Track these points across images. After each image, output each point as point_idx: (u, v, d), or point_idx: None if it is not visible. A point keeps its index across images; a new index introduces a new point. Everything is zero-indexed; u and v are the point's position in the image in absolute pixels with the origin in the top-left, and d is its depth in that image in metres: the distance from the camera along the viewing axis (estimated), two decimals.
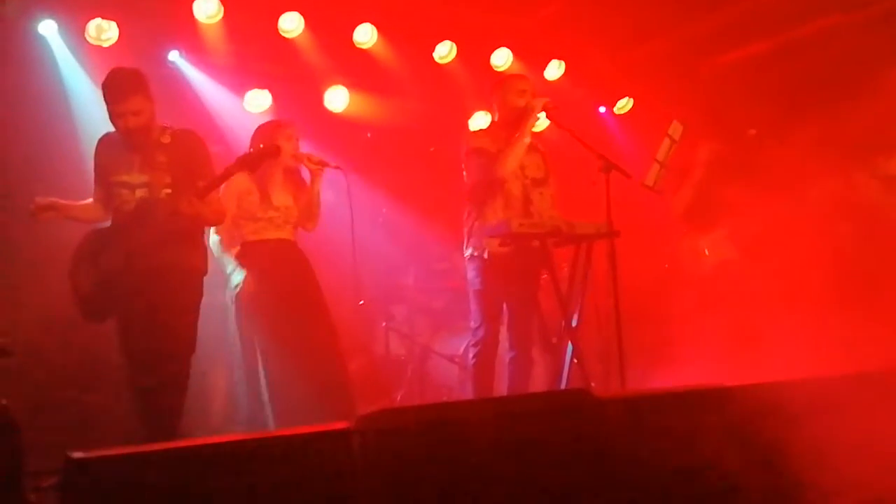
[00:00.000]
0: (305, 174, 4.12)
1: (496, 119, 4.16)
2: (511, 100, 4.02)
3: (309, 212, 4.01)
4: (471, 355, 4.00)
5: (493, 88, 4.20)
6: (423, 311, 5.43)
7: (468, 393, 4.77)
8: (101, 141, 3.46)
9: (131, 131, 3.26)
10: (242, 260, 3.86)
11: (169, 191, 3.25)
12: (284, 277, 3.85)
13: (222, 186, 3.63)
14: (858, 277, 4.32)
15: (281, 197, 3.92)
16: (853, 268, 4.35)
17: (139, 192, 3.29)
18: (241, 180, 3.83)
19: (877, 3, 4.93)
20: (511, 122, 4.02)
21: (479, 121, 6.16)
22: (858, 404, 2.69)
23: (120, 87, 3.25)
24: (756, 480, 2.54)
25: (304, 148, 4.22)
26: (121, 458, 2.13)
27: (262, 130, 4.04)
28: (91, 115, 4.28)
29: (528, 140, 3.96)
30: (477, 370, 3.93)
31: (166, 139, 3.33)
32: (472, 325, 4.04)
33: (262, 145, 3.57)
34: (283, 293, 3.81)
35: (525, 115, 3.92)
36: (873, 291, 4.24)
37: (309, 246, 4.16)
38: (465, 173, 4.10)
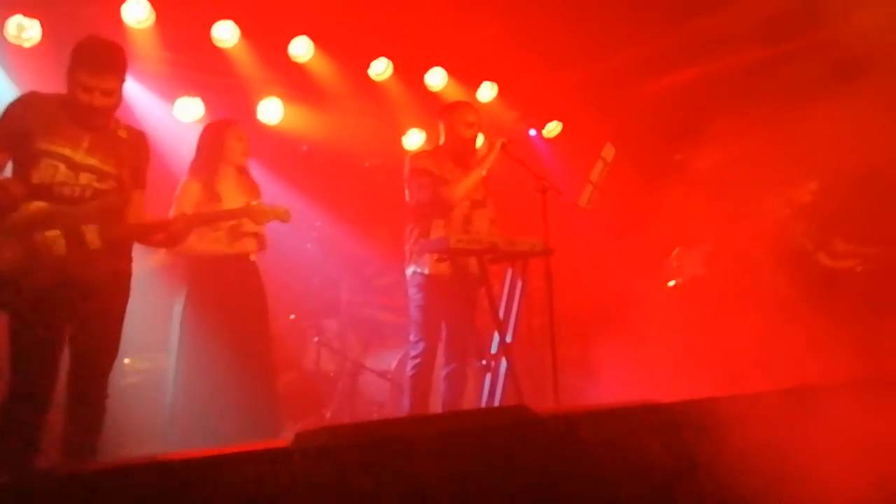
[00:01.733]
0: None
1: (441, 143, 4.21)
2: (459, 130, 4.11)
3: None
4: (409, 367, 4.00)
5: (441, 113, 4.26)
6: (354, 326, 5.38)
7: (400, 409, 4.75)
8: (24, 100, 2.91)
9: (94, 110, 2.85)
10: (194, 274, 3.77)
11: (114, 184, 2.92)
12: (232, 299, 3.77)
13: (176, 196, 3.61)
14: (768, 297, 4.55)
15: (235, 201, 3.77)
16: (764, 288, 4.58)
17: (85, 177, 2.85)
18: (195, 187, 3.76)
19: (797, 38, 5.24)
20: (456, 149, 4.12)
21: (414, 138, 6.21)
22: (784, 418, 2.84)
23: (101, 60, 2.87)
24: (689, 492, 2.62)
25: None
26: (44, 479, 2.03)
27: (209, 129, 3.96)
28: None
29: (484, 173, 4.05)
30: (415, 383, 3.93)
31: (123, 133, 3.01)
32: (412, 338, 4.05)
33: (279, 207, 3.46)
34: (226, 312, 3.73)
35: (487, 152, 4.05)
36: (784, 312, 4.48)
37: None
38: (407, 192, 4.12)
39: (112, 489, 1.97)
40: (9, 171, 2.89)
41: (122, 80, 2.95)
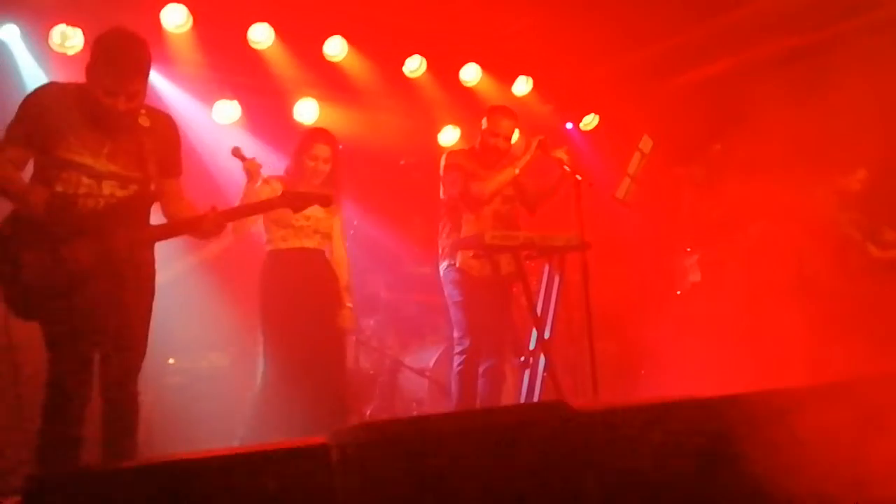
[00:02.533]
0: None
1: (477, 145, 4.20)
2: (489, 138, 4.12)
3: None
4: (455, 364, 4.00)
5: (483, 115, 4.26)
6: (393, 324, 5.40)
7: (438, 406, 4.76)
8: (46, 94, 2.75)
9: (119, 115, 2.70)
10: (267, 267, 3.81)
11: (137, 187, 2.80)
12: (305, 288, 3.78)
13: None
14: (818, 289, 4.44)
15: (313, 213, 3.74)
16: (813, 280, 4.47)
17: (108, 187, 2.74)
18: (277, 186, 3.76)
19: (831, 26, 5.10)
20: (487, 154, 4.12)
21: (449, 134, 6.20)
22: (833, 413, 2.76)
23: (130, 63, 2.67)
24: (733, 490, 2.57)
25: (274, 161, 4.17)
26: (84, 477, 2.07)
27: (298, 143, 3.98)
28: None
29: (517, 172, 4.02)
30: (461, 380, 3.94)
31: (145, 122, 2.79)
32: (456, 335, 4.06)
33: (317, 191, 3.35)
34: (301, 304, 3.75)
35: (523, 151, 4.03)
36: (832, 303, 4.37)
37: None
38: (442, 188, 4.12)
39: (148, 488, 2.00)
40: (30, 168, 2.80)
41: (147, 77, 2.78)
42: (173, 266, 4.38)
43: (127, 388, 2.84)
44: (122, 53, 2.70)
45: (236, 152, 3.69)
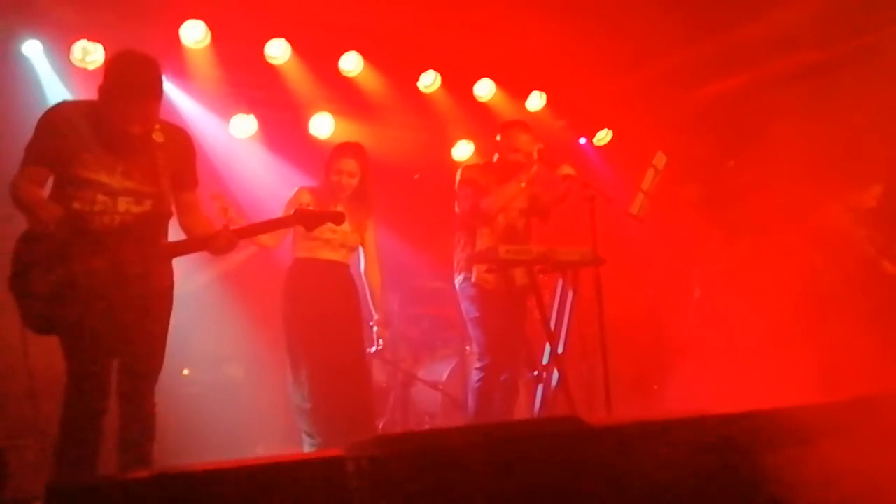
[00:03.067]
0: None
1: (494, 160, 4.23)
2: (508, 153, 4.13)
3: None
4: (474, 378, 4.02)
5: (498, 130, 4.28)
6: (406, 337, 5.42)
7: (452, 419, 4.76)
8: (60, 114, 2.76)
9: (133, 138, 2.73)
10: (292, 274, 3.88)
11: (151, 203, 2.83)
12: (327, 299, 3.84)
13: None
14: (832, 306, 4.42)
15: (344, 229, 3.79)
16: (827, 297, 4.44)
17: (123, 203, 2.76)
18: (305, 196, 3.84)
19: (853, 40, 5.10)
20: (505, 169, 4.12)
21: (462, 149, 6.24)
22: (848, 431, 2.74)
23: (144, 87, 2.69)
24: None
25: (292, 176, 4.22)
26: (102, 486, 2.09)
27: (329, 154, 4.04)
28: None
29: (523, 185, 4.04)
30: (481, 394, 3.95)
31: (159, 137, 2.80)
32: (476, 351, 4.09)
33: (330, 209, 3.36)
34: (322, 314, 3.81)
35: (526, 164, 4.03)
36: (845, 319, 4.34)
37: None
38: (457, 202, 4.15)
39: (166, 497, 2.01)
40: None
41: (161, 99, 2.79)
42: (194, 279, 4.44)
43: (144, 399, 2.87)
44: (135, 78, 2.70)
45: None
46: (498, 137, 4.22)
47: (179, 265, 3.02)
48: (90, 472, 2.70)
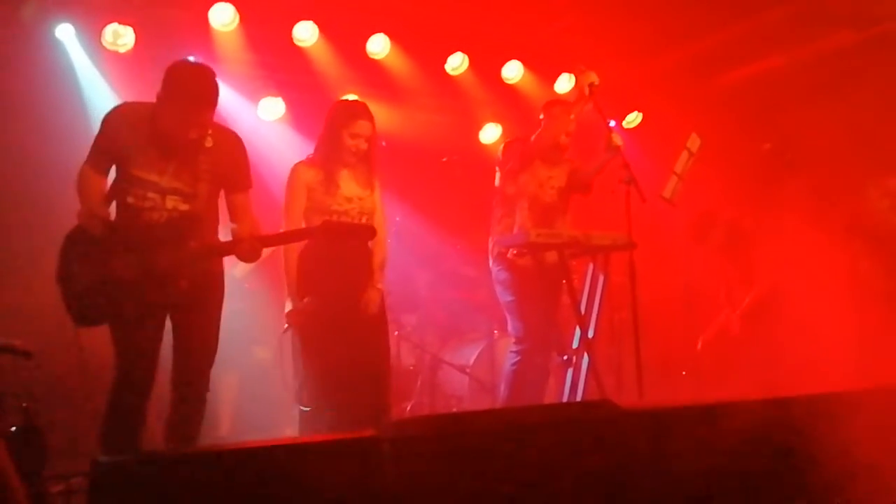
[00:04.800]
0: None
1: (534, 138, 4.16)
2: (556, 135, 4.05)
3: None
4: (510, 362, 4.00)
5: (543, 108, 4.22)
6: (433, 321, 5.42)
7: (479, 403, 4.77)
8: (121, 114, 2.94)
9: (187, 143, 2.88)
10: (304, 258, 3.60)
11: (198, 203, 2.96)
12: (341, 284, 3.58)
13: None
14: (870, 292, 4.34)
15: (350, 186, 3.58)
16: (864, 282, 4.37)
17: (171, 201, 2.92)
18: (309, 172, 3.58)
19: (887, 21, 4.97)
20: (547, 149, 4.06)
21: (490, 132, 6.20)
22: (876, 417, 2.70)
23: (203, 97, 2.85)
24: (783, 494, 2.53)
25: None
26: (148, 462, 2.12)
27: (329, 119, 3.67)
28: None
29: (573, 117, 3.96)
30: (515, 378, 3.93)
31: (209, 142, 2.94)
32: (513, 334, 4.06)
33: (361, 223, 3.30)
34: (343, 295, 3.58)
35: (577, 98, 3.96)
36: (883, 305, 4.26)
37: None
38: (497, 176, 4.13)
39: (205, 474, 2.04)
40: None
41: (216, 107, 2.93)
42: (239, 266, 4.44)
43: (198, 382, 2.98)
44: (192, 87, 2.86)
45: None
46: (541, 116, 4.17)
47: None
48: (132, 449, 2.80)
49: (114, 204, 2.96)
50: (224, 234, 3.19)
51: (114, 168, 2.97)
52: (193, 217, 2.95)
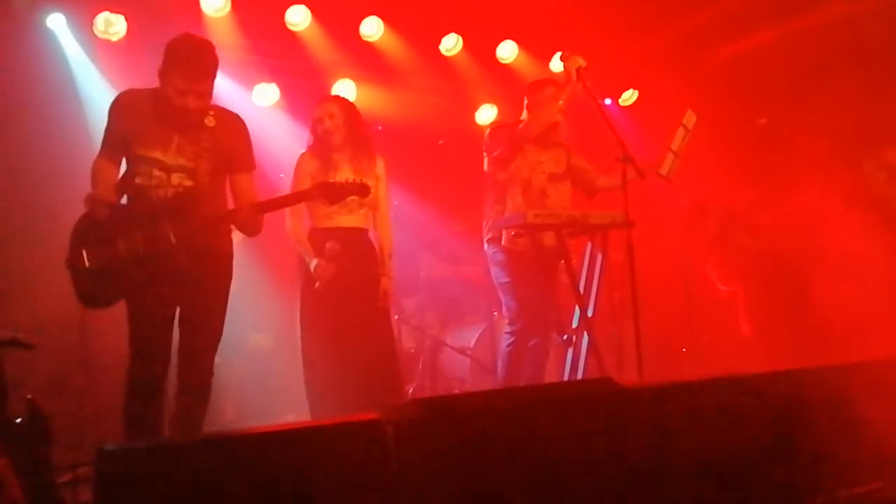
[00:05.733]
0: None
1: (523, 119, 4.15)
2: (547, 111, 4.01)
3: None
4: (504, 343, 4.02)
5: (527, 90, 4.20)
6: (433, 303, 5.43)
7: (481, 384, 4.79)
8: (123, 100, 3.03)
9: (188, 112, 2.94)
10: (313, 247, 3.75)
11: (201, 178, 3.01)
12: (352, 271, 3.73)
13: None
14: (865, 265, 4.35)
15: (347, 172, 3.71)
16: (860, 256, 4.38)
17: (176, 178, 2.98)
18: (311, 161, 3.79)
19: None
20: (537, 132, 4.03)
21: (486, 113, 6.18)
22: (874, 389, 2.71)
23: (197, 63, 2.91)
24: (786, 470, 2.55)
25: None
26: (154, 450, 2.14)
27: (314, 109, 3.93)
28: (101, 109, 4.24)
29: (561, 103, 3.94)
30: (511, 358, 3.94)
31: (211, 122, 3.01)
32: (507, 315, 4.07)
33: (351, 180, 3.30)
34: (348, 287, 3.70)
35: (565, 82, 3.90)
36: (879, 279, 4.28)
37: None
38: (486, 158, 4.10)
39: (212, 461, 2.05)
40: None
41: (215, 79, 2.99)
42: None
43: (204, 361, 3.01)
44: (192, 56, 2.93)
45: None
46: (525, 101, 4.16)
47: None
48: (157, 431, 2.89)
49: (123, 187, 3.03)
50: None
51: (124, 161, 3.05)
52: (197, 193, 2.99)
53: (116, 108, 3.02)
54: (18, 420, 2.81)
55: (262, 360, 4.91)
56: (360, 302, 3.75)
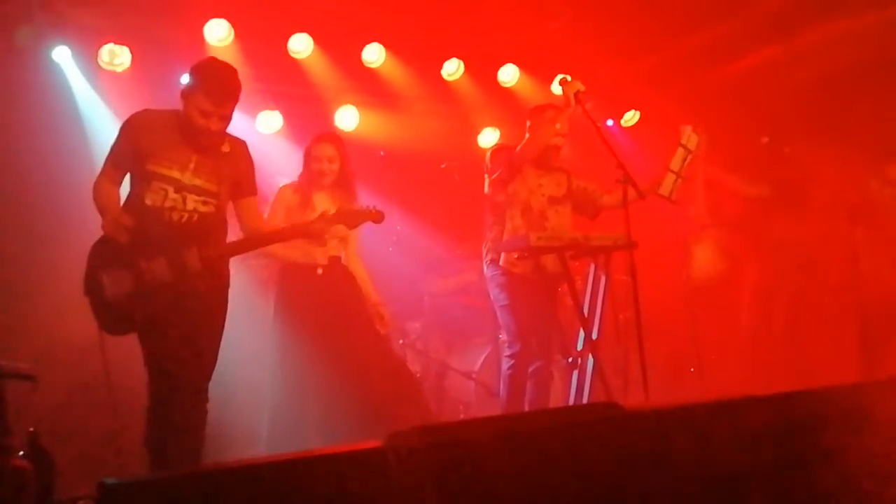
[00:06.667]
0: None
1: (524, 144, 4.13)
2: (547, 135, 4.02)
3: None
4: (504, 367, 4.00)
5: (529, 114, 4.22)
6: (438, 327, 5.41)
7: (485, 408, 4.76)
8: (140, 118, 3.03)
9: (210, 134, 2.98)
10: (282, 280, 3.86)
11: (215, 203, 3.04)
12: (323, 310, 3.80)
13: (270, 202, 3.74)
14: (872, 282, 4.32)
15: (326, 207, 3.72)
16: (867, 273, 4.35)
17: (192, 201, 2.98)
18: (291, 194, 3.88)
19: (887, 7, 4.94)
20: (539, 152, 4.03)
21: (488, 136, 6.21)
22: (882, 412, 2.67)
23: (222, 87, 2.97)
24: (795, 495, 2.51)
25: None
26: (155, 483, 2.12)
27: (307, 145, 4.04)
28: (106, 140, 4.29)
29: (558, 126, 3.96)
30: (512, 382, 3.93)
31: (226, 147, 3.08)
32: (506, 339, 4.06)
33: (370, 207, 3.33)
34: (318, 316, 3.78)
35: (563, 105, 3.91)
36: (886, 296, 4.24)
37: None
38: (487, 181, 4.11)
39: (214, 492, 2.04)
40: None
41: (237, 103, 3.05)
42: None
43: (198, 394, 3.01)
44: (219, 79, 2.99)
45: None
46: (528, 123, 4.17)
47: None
48: (185, 455, 2.90)
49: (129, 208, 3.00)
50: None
51: (127, 177, 3.05)
52: (218, 217, 3.05)
53: (131, 125, 3.02)
54: (21, 453, 2.81)
55: (257, 393, 4.87)
56: (337, 331, 3.81)
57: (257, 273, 4.51)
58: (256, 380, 4.76)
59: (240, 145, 3.17)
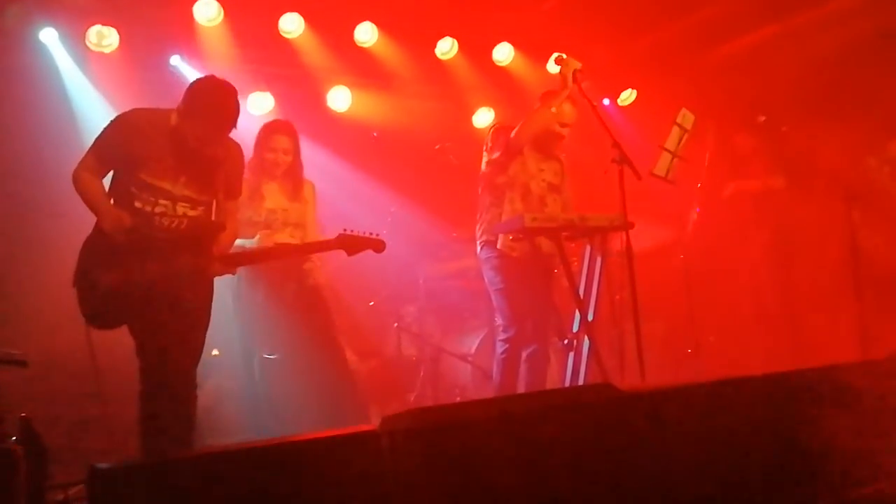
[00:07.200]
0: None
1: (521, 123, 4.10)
2: (552, 125, 3.99)
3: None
4: (498, 350, 3.98)
5: (540, 98, 4.14)
6: (433, 310, 5.39)
7: (481, 391, 4.75)
8: (132, 121, 2.98)
9: (203, 157, 2.98)
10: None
11: (204, 209, 3.07)
12: (283, 289, 3.83)
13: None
14: (869, 262, 4.31)
15: (276, 198, 3.85)
16: (864, 253, 4.34)
17: (181, 207, 3.00)
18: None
19: None
20: (540, 136, 3.99)
21: (483, 116, 6.15)
22: (875, 391, 2.67)
23: (225, 118, 2.94)
24: (788, 474, 2.51)
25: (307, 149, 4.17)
26: (146, 468, 2.11)
27: (258, 134, 4.00)
28: (94, 121, 4.23)
29: (554, 110, 3.91)
30: (505, 366, 3.91)
31: (221, 153, 3.06)
32: (500, 322, 4.02)
33: (372, 235, 3.37)
34: (279, 302, 3.79)
35: (560, 86, 3.85)
36: (883, 276, 4.23)
37: None
38: (484, 159, 4.06)
39: (205, 476, 2.03)
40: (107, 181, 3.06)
41: (235, 125, 3.00)
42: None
43: (185, 376, 3.02)
44: (218, 108, 2.93)
45: None
46: (536, 106, 4.11)
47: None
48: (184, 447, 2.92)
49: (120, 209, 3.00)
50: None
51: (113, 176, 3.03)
52: (202, 223, 3.05)
53: (122, 126, 2.97)
54: (13, 439, 2.80)
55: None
56: (298, 316, 3.83)
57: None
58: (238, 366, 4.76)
59: (234, 150, 3.15)
